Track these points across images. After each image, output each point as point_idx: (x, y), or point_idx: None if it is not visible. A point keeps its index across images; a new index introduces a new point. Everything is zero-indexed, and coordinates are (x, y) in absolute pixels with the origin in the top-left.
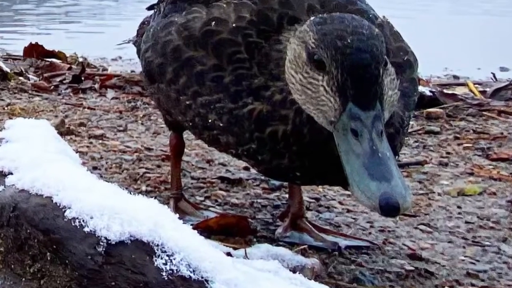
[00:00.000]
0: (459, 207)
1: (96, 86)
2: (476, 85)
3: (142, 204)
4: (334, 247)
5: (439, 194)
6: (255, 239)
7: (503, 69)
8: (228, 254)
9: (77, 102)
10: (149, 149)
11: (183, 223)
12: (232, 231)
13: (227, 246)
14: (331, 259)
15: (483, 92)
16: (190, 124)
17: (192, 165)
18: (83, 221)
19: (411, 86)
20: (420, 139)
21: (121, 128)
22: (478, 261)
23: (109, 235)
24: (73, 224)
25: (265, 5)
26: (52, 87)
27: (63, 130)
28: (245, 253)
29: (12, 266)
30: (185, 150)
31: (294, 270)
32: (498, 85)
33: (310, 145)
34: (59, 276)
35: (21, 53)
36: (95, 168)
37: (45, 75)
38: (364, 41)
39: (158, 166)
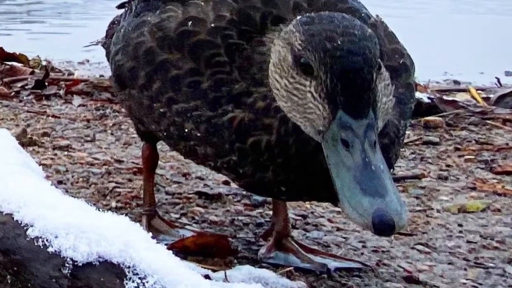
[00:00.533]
0: (460, 225)
1: (61, 92)
2: (479, 91)
3: (112, 222)
4: (323, 269)
5: (438, 211)
6: (236, 260)
7: (508, 73)
8: (206, 276)
9: (40, 110)
10: (119, 162)
11: (157, 242)
12: (210, 252)
13: (205, 268)
14: (320, 282)
15: (486, 99)
16: (165, 134)
17: (167, 179)
18: (47, 240)
19: (407, 92)
20: (418, 151)
21: (88, 139)
22: (481, 284)
23: (75, 256)
24: (36, 244)
25: (247, 3)
26: (13, 93)
27: (25, 141)
28: (225, 275)
29: None
30: (159, 162)
31: None
32: (503, 91)
33: (296, 157)
34: None
35: None
36: (60, 182)
37: (5, 80)
38: (356, 43)
39: (129, 180)
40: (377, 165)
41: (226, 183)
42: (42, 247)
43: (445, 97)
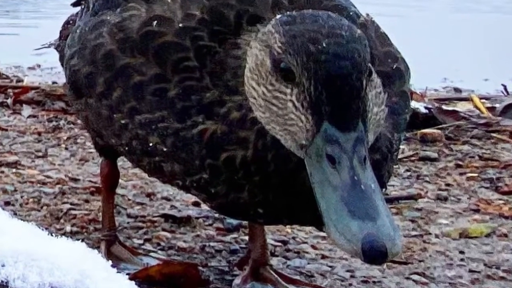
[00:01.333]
0: (461, 252)
1: (9, 101)
2: (483, 100)
3: (66, 249)
4: None
5: (436, 236)
6: None
7: None
8: None
9: None
10: (74, 180)
11: (117, 272)
12: (178, 282)
13: None
14: None
15: (491, 109)
16: (126, 148)
17: (129, 199)
18: None
19: (401, 101)
20: (413, 168)
21: (40, 154)
22: None
23: (25, 287)
24: None
25: (220, 1)
26: None
27: None
28: None
29: None
30: (120, 181)
31: None
32: (510, 100)
33: (275, 175)
34: None
35: None
36: (7, 203)
37: None
38: (343, 45)
39: (86, 201)
40: (368, 184)
41: (196, 204)
42: None
43: (444, 107)
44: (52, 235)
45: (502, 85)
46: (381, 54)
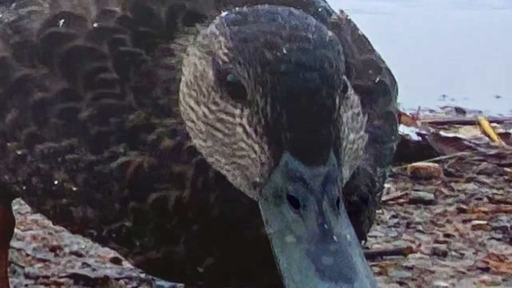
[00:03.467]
0: None
1: None
2: (494, 124)
3: None
4: None
5: None
6: None
7: None
8: None
9: None
10: None
11: None
12: None
13: None
14: None
15: (504, 136)
16: (24, 187)
17: (27, 255)
18: None
19: (386, 125)
20: (402, 213)
21: None
22: None
23: None
24: None
25: None
26: None
27: None
28: None
29: None
30: (16, 230)
31: None
32: None
33: (220, 223)
34: None
35: None
36: None
37: None
38: (310, 52)
39: None
40: (342, 235)
41: (115, 261)
42: None
43: (443, 133)
44: None
45: None
46: (360, 64)
